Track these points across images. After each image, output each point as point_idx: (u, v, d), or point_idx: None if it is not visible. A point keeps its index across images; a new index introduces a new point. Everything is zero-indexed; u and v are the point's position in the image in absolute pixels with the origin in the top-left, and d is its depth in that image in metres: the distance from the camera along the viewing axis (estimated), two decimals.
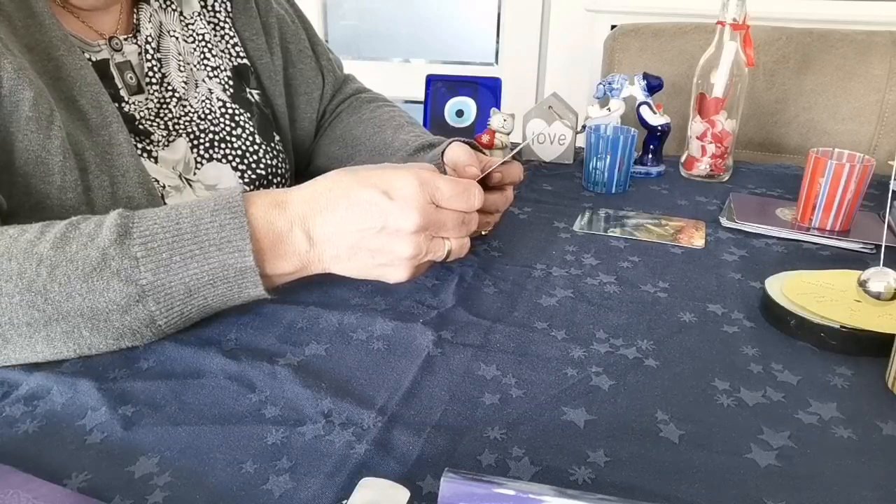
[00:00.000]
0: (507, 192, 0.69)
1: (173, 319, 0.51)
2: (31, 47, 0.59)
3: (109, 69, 0.67)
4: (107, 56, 0.67)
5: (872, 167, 0.74)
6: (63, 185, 0.58)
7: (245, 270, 0.50)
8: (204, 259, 0.49)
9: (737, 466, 0.42)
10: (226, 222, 0.49)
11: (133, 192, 0.63)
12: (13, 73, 0.54)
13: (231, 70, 0.79)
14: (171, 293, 0.49)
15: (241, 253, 0.49)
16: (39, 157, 0.56)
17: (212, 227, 0.49)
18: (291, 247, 0.52)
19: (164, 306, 0.49)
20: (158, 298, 0.49)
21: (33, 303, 0.46)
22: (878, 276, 0.56)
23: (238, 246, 0.49)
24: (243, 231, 0.49)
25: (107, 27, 0.69)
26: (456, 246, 0.56)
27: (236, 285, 0.51)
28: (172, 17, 0.75)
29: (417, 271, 0.55)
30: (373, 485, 0.38)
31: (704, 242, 0.75)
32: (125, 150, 0.63)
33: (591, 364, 0.52)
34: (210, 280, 0.50)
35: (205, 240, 0.49)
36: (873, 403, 0.48)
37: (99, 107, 0.62)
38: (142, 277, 0.47)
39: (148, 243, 0.48)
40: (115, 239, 0.48)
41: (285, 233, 0.51)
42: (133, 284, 0.47)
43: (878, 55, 1.22)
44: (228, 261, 0.49)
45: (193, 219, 0.49)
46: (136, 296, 0.48)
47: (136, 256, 0.47)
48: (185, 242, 0.48)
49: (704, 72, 0.94)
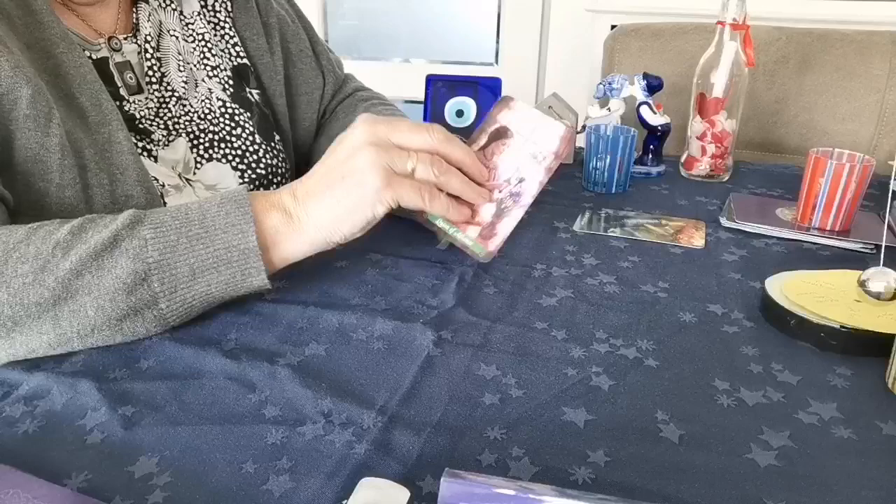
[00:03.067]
0: None
1: (175, 305, 0.52)
2: (30, 45, 0.59)
3: (109, 68, 0.67)
4: (106, 55, 0.67)
5: (872, 167, 0.74)
6: (62, 182, 0.58)
7: (248, 252, 0.52)
8: (210, 241, 0.52)
9: (737, 466, 0.42)
10: (231, 210, 0.53)
11: (132, 190, 0.63)
12: (10, 71, 0.54)
13: (231, 70, 0.79)
14: (176, 274, 0.51)
15: (245, 235, 0.52)
16: (38, 155, 0.56)
17: (218, 214, 0.53)
18: (280, 206, 0.56)
19: (167, 287, 0.51)
20: (163, 279, 0.50)
21: (44, 282, 0.48)
22: (878, 276, 0.56)
23: (242, 228, 0.52)
24: (247, 216, 0.53)
25: (106, 26, 0.69)
26: (421, 168, 0.57)
27: (239, 271, 0.53)
28: (172, 16, 0.75)
29: (395, 183, 0.56)
30: (373, 485, 0.38)
31: (704, 242, 0.75)
32: (124, 148, 0.63)
33: (591, 364, 0.52)
34: (214, 263, 0.52)
35: (211, 224, 0.52)
36: (873, 403, 0.48)
37: (98, 104, 0.62)
38: (149, 256, 0.50)
39: (158, 227, 0.51)
40: (127, 224, 0.51)
41: (278, 205, 0.56)
42: (140, 262, 0.50)
43: (878, 55, 1.22)
44: (233, 241, 0.52)
45: (201, 210, 0.53)
46: (143, 273, 0.50)
47: (145, 237, 0.51)
48: (193, 226, 0.52)
49: (704, 72, 0.94)
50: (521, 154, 0.62)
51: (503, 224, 0.61)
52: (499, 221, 0.61)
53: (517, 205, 0.61)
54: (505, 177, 0.62)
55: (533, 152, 0.61)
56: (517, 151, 0.62)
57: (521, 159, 0.62)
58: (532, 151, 0.61)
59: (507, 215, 0.61)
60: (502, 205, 0.61)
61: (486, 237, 0.61)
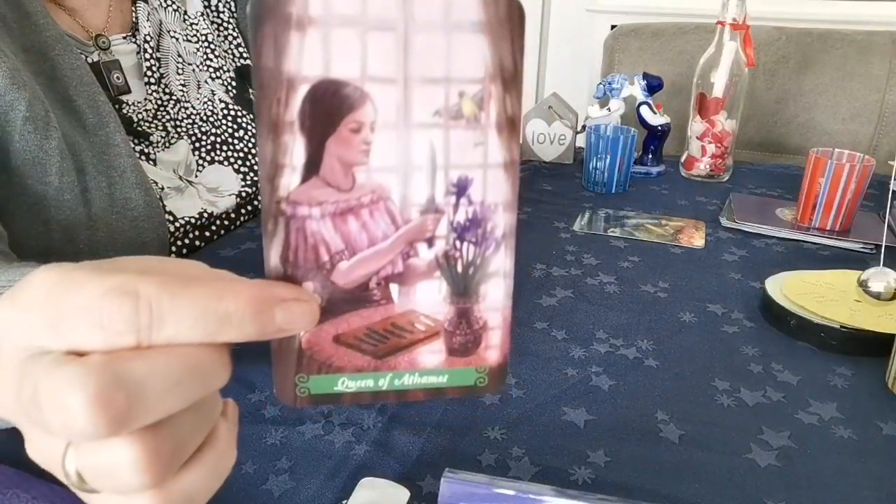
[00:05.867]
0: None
1: None
2: (26, 48, 0.59)
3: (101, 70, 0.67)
4: (102, 57, 0.67)
5: (872, 167, 0.74)
6: (60, 185, 0.57)
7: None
8: None
9: (737, 466, 0.42)
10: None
11: (130, 192, 0.63)
12: (7, 75, 0.54)
13: (234, 70, 0.79)
14: None
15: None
16: (36, 158, 0.56)
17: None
18: None
19: None
20: None
21: None
22: (878, 276, 0.56)
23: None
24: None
25: (96, 23, 0.69)
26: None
27: None
28: (173, 16, 0.75)
29: None
30: (373, 485, 0.38)
31: (704, 242, 0.75)
32: (122, 150, 0.63)
33: (591, 364, 0.52)
34: None
35: None
36: (873, 403, 0.48)
37: (96, 107, 0.62)
38: None
39: None
40: None
41: None
42: None
43: (878, 55, 1.22)
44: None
45: None
46: None
47: None
48: None
49: (704, 72, 0.94)
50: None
51: (488, 289, 0.26)
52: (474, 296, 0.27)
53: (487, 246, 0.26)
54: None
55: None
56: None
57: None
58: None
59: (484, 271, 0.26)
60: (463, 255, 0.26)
61: (468, 349, 0.27)
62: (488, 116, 0.24)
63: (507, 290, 0.26)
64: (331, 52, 0.22)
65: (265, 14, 0.22)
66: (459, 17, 0.23)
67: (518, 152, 0.25)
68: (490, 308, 0.26)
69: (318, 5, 0.22)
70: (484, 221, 0.25)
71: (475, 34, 0.23)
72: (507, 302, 0.26)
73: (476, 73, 0.23)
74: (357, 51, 0.23)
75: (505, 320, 0.27)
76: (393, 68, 0.23)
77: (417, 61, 0.23)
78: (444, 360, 0.27)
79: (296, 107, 0.23)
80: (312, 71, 0.22)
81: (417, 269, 0.25)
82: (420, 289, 0.26)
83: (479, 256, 0.26)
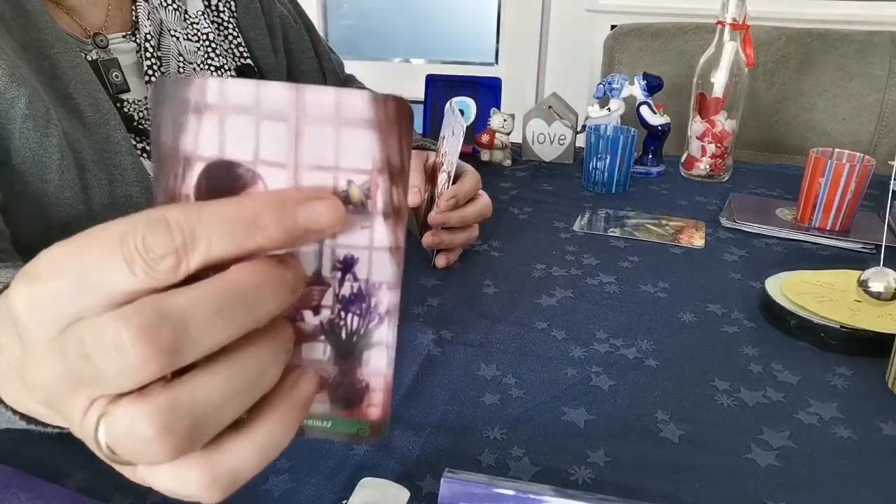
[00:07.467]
0: (473, 230, 0.68)
1: None
2: (25, 46, 0.59)
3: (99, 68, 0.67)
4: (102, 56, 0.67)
5: (872, 167, 0.74)
6: (61, 183, 0.57)
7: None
8: None
9: (737, 466, 0.42)
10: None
11: (131, 190, 0.63)
12: (7, 73, 0.54)
13: (235, 70, 0.79)
14: None
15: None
16: (37, 156, 0.56)
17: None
18: None
19: None
20: None
21: None
22: (878, 276, 0.56)
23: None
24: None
25: (95, 22, 0.68)
26: None
27: None
28: (174, 15, 0.75)
29: None
30: (373, 485, 0.38)
31: (704, 242, 0.75)
32: (123, 148, 0.63)
33: (591, 364, 0.52)
34: None
35: None
36: (873, 403, 0.48)
37: (96, 104, 0.62)
38: None
39: None
40: None
41: None
42: None
43: (878, 55, 1.22)
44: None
45: None
46: None
47: None
48: None
49: (704, 72, 0.94)
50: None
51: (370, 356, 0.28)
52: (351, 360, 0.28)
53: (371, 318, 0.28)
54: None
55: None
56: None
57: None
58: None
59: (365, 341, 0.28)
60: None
61: (350, 403, 0.28)
62: (375, 204, 0.25)
63: (390, 358, 0.28)
64: (226, 135, 0.24)
65: (166, 98, 0.23)
66: (349, 114, 0.24)
67: (403, 238, 0.26)
68: (372, 373, 0.28)
69: (214, 94, 0.23)
70: (368, 297, 0.27)
71: (364, 130, 0.24)
72: (388, 370, 0.28)
73: (364, 165, 0.25)
74: (251, 136, 0.24)
75: (387, 384, 0.28)
76: (284, 154, 0.24)
77: (307, 150, 0.24)
78: (329, 409, 0.28)
79: (191, 182, 0.24)
80: (208, 151, 0.24)
81: (304, 331, 0.27)
82: (306, 348, 0.27)
83: (363, 328, 0.27)
